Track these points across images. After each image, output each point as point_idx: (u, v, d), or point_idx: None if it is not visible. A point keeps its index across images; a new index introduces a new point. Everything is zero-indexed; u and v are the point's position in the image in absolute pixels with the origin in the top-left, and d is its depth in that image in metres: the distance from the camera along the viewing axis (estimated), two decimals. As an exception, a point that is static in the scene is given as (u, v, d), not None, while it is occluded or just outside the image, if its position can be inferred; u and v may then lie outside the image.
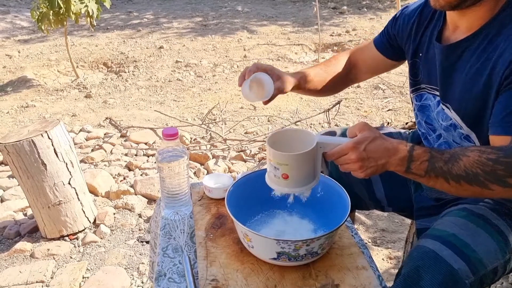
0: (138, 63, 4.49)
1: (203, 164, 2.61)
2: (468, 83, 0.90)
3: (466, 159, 0.80)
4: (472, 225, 0.88)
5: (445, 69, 0.96)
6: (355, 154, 0.83)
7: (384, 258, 1.86)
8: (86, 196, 2.08)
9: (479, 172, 0.79)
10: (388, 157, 0.83)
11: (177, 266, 0.99)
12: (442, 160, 0.81)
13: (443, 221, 0.92)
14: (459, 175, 0.80)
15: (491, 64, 0.85)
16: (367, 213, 2.17)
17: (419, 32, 1.05)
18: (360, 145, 0.82)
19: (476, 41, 0.89)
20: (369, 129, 0.85)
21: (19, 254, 1.92)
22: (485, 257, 0.83)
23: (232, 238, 1.04)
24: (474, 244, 0.84)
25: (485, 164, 0.78)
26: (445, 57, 0.95)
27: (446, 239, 0.85)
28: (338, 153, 0.86)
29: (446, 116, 0.99)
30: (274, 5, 7.00)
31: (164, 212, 1.17)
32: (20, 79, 4.16)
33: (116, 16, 6.53)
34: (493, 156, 0.78)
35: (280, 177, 0.88)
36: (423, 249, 0.84)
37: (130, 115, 3.40)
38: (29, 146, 1.80)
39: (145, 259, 1.87)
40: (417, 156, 0.82)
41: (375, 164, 0.83)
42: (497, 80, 0.84)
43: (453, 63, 0.94)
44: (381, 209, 1.23)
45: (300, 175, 0.88)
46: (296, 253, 0.88)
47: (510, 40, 0.82)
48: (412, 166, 0.82)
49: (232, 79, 4.09)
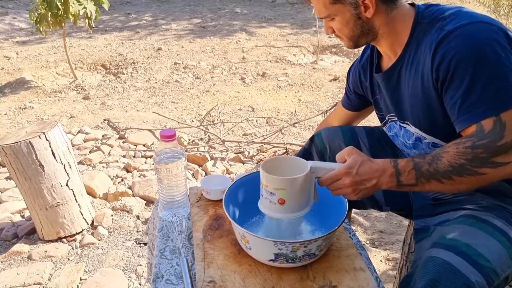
0: (136, 64, 4.49)
1: (201, 165, 2.61)
2: (412, 98, 0.98)
3: (447, 155, 0.84)
4: (483, 233, 0.88)
5: (392, 92, 1.05)
6: (349, 179, 0.87)
7: (382, 260, 1.86)
8: (84, 197, 2.07)
9: (463, 162, 0.82)
10: (378, 177, 0.88)
11: (175, 268, 0.98)
12: (426, 163, 0.85)
13: (452, 229, 0.92)
14: (447, 171, 0.83)
15: (419, 75, 0.94)
16: (365, 215, 2.17)
17: (366, 74, 1.15)
18: (353, 169, 0.87)
19: (404, 60, 0.99)
20: (357, 152, 0.90)
21: (16, 256, 1.91)
22: (498, 266, 0.83)
23: (229, 239, 1.03)
24: (487, 254, 0.84)
25: (465, 153, 0.82)
26: (387, 82, 1.05)
27: (460, 249, 0.84)
28: (331, 179, 0.90)
29: (410, 133, 1.05)
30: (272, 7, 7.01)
31: (162, 214, 1.16)
32: (18, 80, 4.15)
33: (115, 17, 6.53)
34: (469, 144, 0.82)
35: (276, 203, 0.89)
36: (438, 260, 0.84)
37: (128, 116, 3.40)
38: (27, 148, 1.79)
39: (143, 261, 1.86)
40: (402, 168, 0.87)
41: (366, 187, 0.88)
42: (430, 84, 0.91)
43: (395, 85, 1.03)
44: (379, 208, 1.23)
45: (296, 200, 0.90)
46: (294, 254, 0.88)
47: (427, 49, 0.91)
48: (401, 178, 0.87)
49: (231, 81, 4.09)
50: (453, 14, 0.90)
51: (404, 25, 0.96)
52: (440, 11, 0.93)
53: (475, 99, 0.84)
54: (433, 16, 0.93)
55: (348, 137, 1.23)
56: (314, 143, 1.27)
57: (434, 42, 0.88)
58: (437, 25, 0.90)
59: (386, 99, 1.09)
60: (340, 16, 0.95)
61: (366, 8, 0.93)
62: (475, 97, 0.84)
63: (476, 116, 0.84)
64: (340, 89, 3.83)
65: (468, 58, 0.84)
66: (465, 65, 0.84)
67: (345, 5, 0.93)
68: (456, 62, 0.85)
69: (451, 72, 0.85)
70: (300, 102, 3.62)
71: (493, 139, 0.81)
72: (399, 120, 1.07)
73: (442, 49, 0.86)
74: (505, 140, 0.81)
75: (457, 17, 0.89)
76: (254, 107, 3.52)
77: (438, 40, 0.87)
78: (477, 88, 0.83)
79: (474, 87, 0.83)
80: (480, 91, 0.83)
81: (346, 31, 0.98)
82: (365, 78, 1.16)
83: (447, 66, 0.86)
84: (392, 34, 0.98)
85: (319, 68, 4.36)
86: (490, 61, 0.83)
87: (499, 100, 0.82)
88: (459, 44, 0.85)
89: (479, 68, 0.83)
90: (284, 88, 3.93)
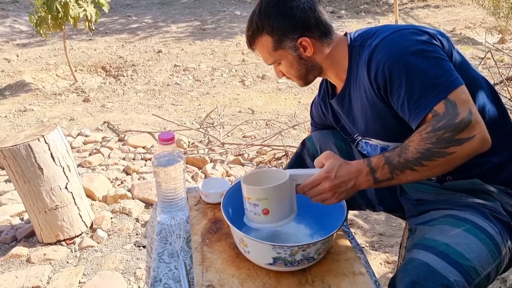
0: (136, 67, 4.49)
1: (200, 168, 2.61)
2: (363, 113, 1.05)
3: (413, 143, 0.87)
4: (462, 231, 0.89)
5: (347, 115, 1.12)
6: (328, 183, 0.90)
7: (381, 263, 1.86)
8: (83, 200, 2.07)
9: (429, 146, 0.84)
10: (355, 178, 0.90)
11: (173, 272, 0.98)
12: (396, 155, 0.88)
13: (432, 229, 0.93)
14: (417, 158, 0.86)
15: (363, 90, 1.01)
16: (364, 217, 2.17)
17: (327, 106, 1.21)
18: (331, 173, 0.90)
19: (350, 83, 1.06)
20: (333, 156, 0.93)
21: (15, 259, 1.91)
22: (478, 264, 0.84)
23: (228, 243, 1.03)
24: (467, 252, 0.84)
25: (429, 137, 0.84)
26: (342, 106, 1.12)
27: (439, 249, 0.85)
28: (311, 184, 0.92)
29: (374, 146, 1.09)
30: (272, 9, 7.01)
31: (160, 217, 1.16)
32: (19, 83, 4.16)
33: (115, 20, 6.55)
34: (429, 128, 0.85)
35: (261, 214, 0.91)
36: (417, 261, 0.85)
37: (128, 119, 3.40)
38: (26, 151, 1.79)
39: (142, 264, 1.86)
40: (375, 165, 0.90)
41: (345, 189, 0.90)
42: (372, 95, 0.97)
43: (348, 107, 1.10)
44: (372, 208, 1.24)
45: (279, 208, 0.92)
46: (292, 258, 0.88)
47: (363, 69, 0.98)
48: (377, 175, 0.89)
49: (231, 83, 4.09)
50: (378, 31, 0.98)
51: (342, 53, 1.04)
52: (368, 32, 1.01)
53: (420, 93, 0.87)
54: (363, 37, 1.01)
55: (339, 139, 1.24)
56: (305, 146, 1.30)
57: (366, 58, 0.95)
58: (366, 44, 0.98)
59: (346, 122, 1.16)
60: (284, 60, 1.05)
61: (304, 49, 1.03)
62: (418, 91, 0.87)
63: (426, 106, 0.87)
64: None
65: (398, 61, 0.89)
66: (397, 68, 0.89)
67: (286, 49, 1.03)
68: (388, 68, 0.90)
69: (388, 78, 0.91)
70: (299, 104, 3.62)
71: (450, 118, 0.83)
72: (362, 138, 1.12)
73: (374, 61, 0.93)
74: (461, 116, 0.83)
75: (381, 32, 0.96)
76: (254, 109, 3.52)
77: (369, 55, 0.95)
78: (417, 83, 0.87)
79: (413, 83, 0.88)
80: (420, 84, 0.87)
81: (293, 72, 1.07)
82: (326, 110, 1.23)
83: (382, 74, 0.91)
84: (334, 64, 1.06)
85: (319, 70, 4.37)
86: (419, 56, 0.88)
87: (441, 86, 0.86)
88: (386, 52, 0.91)
89: (411, 65, 0.88)
90: (284, 90, 3.93)
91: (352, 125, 1.14)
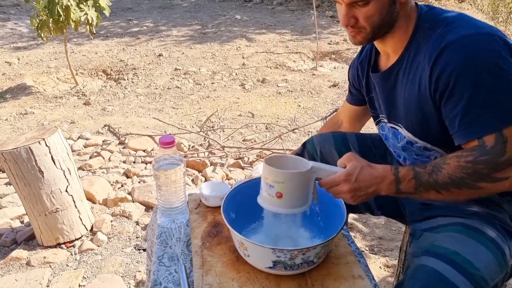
0: (137, 70, 4.50)
1: (201, 171, 2.61)
2: (406, 102, 0.97)
3: (448, 167, 0.84)
4: (472, 240, 0.88)
5: (387, 94, 1.04)
6: (347, 186, 0.88)
7: (381, 267, 1.86)
8: (83, 203, 2.07)
9: (463, 175, 0.82)
10: (377, 184, 0.88)
11: (173, 275, 0.98)
12: (427, 173, 0.85)
13: (441, 237, 0.92)
14: (446, 183, 0.83)
15: (417, 81, 0.92)
16: (364, 221, 2.17)
17: (364, 71, 1.14)
18: (352, 177, 0.87)
19: (402, 63, 0.97)
20: (356, 158, 0.90)
21: (15, 262, 1.91)
22: (487, 274, 0.84)
23: (228, 246, 1.03)
24: (477, 262, 0.84)
25: (466, 167, 0.82)
26: (384, 83, 1.03)
27: (449, 257, 0.85)
28: (330, 184, 0.91)
29: (401, 136, 1.04)
30: (272, 13, 7.04)
31: (161, 220, 1.17)
32: (19, 86, 4.17)
33: (116, 24, 6.57)
34: (470, 158, 0.82)
35: (274, 196, 0.90)
36: (427, 269, 0.84)
37: (129, 122, 3.40)
38: (26, 154, 1.80)
39: (142, 267, 1.86)
40: (402, 177, 0.87)
41: (365, 193, 0.88)
42: (427, 93, 0.90)
43: (392, 86, 1.01)
44: (371, 212, 1.24)
45: (293, 195, 0.91)
46: (292, 262, 0.88)
47: (427, 57, 0.89)
48: (400, 187, 0.87)
49: (231, 87, 4.10)
50: (454, 21, 0.88)
51: (408, 24, 0.94)
52: (441, 16, 0.91)
53: (476, 114, 0.82)
54: (435, 20, 0.91)
55: (339, 143, 1.24)
56: (306, 148, 1.30)
57: (435, 52, 0.86)
58: (437, 31, 0.88)
59: (379, 99, 1.08)
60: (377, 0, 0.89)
61: None
62: (476, 112, 0.82)
63: (477, 131, 0.83)
64: (339, 95, 3.84)
65: (468, 72, 0.82)
66: (465, 79, 0.82)
67: None
68: (456, 76, 0.83)
69: (451, 86, 0.84)
70: (299, 108, 3.63)
71: (495, 155, 0.81)
72: (388, 122, 1.07)
73: (443, 60, 0.85)
74: (506, 157, 0.80)
75: (458, 26, 0.87)
76: (254, 113, 3.52)
77: (439, 50, 0.85)
78: (478, 103, 0.82)
79: (475, 102, 0.82)
80: (481, 106, 0.82)
81: (375, 19, 0.90)
82: (362, 75, 1.15)
83: (447, 79, 0.84)
84: (399, 31, 0.94)
85: (319, 74, 4.37)
86: (492, 75, 0.81)
87: (501, 116, 0.81)
88: (460, 57, 0.83)
89: (480, 82, 0.82)
90: (284, 94, 3.93)
91: (386, 107, 1.06)
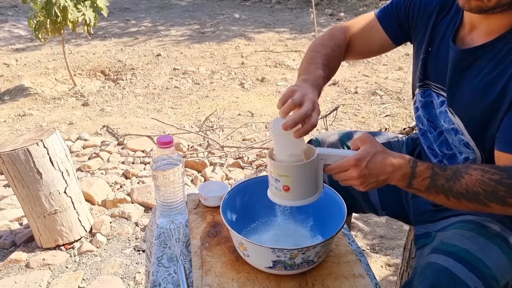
0: (135, 70, 4.49)
1: (200, 171, 2.60)
2: (479, 91, 0.87)
3: (468, 178, 0.79)
4: (482, 238, 0.87)
5: (457, 73, 0.92)
6: (356, 171, 0.81)
7: (382, 265, 1.85)
8: (82, 205, 2.06)
9: (480, 191, 0.78)
10: (390, 173, 0.82)
11: (172, 276, 0.97)
12: (444, 178, 0.81)
13: (452, 234, 0.91)
14: (460, 193, 0.80)
15: (507, 75, 0.83)
16: (365, 220, 2.16)
17: (435, 24, 0.99)
18: (362, 162, 0.81)
19: (494, 48, 0.86)
20: (371, 142, 0.83)
21: (14, 264, 1.90)
22: (498, 272, 0.83)
23: (227, 246, 1.02)
24: (487, 260, 0.83)
25: (487, 184, 0.78)
26: (459, 61, 0.91)
27: (459, 255, 0.83)
28: (338, 168, 0.84)
29: (449, 119, 0.96)
30: (271, 12, 7.03)
31: (159, 221, 1.16)
32: (18, 87, 4.16)
33: (114, 24, 6.55)
34: (496, 177, 0.78)
35: (281, 190, 0.86)
36: (437, 266, 0.83)
37: (128, 123, 3.39)
38: (25, 155, 1.78)
39: (141, 268, 1.85)
40: (419, 172, 0.81)
41: (376, 180, 0.82)
42: (506, 100, 0.82)
43: (466, 68, 0.90)
44: (375, 212, 1.23)
45: (301, 187, 0.86)
46: (292, 261, 0.87)
47: None
48: (413, 182, 0.82)
49: (230, 86, 4.09)
50: None
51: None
52: None
53: None
54: None
55: (345, 142, 1.22)
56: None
57: None
58: None
59: (441, 70, 0.96)
60: None
61: None
62: None
63: None
64: (339, 94, 3.83)
65: None
66: None
67: None
68: None
69: None
70: (299, 107, 3.62)
71: None
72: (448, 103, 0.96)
73: None
74: None
75: None
76: (253, 112, 3.52)
77: None
78: None
79: None
80: None
81: None
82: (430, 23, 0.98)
83: None
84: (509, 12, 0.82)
85: (318, 73, 4.36)
86: None
87: None
88: None
89: None
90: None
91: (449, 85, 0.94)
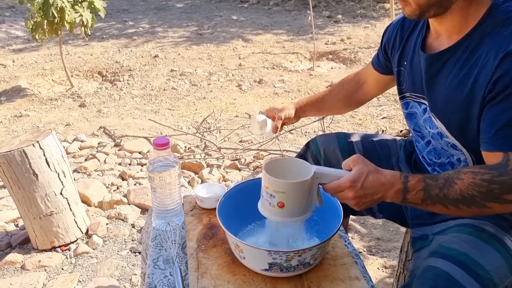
0: (133, 72, 4.49)
1: (197, 173, 2.60)
2: (450, 93, 0.90)
3: (461, 183, 0.80)
4: (481, 242, 0.87)
5: (430, 79, 0.96)
6: (352, 193, 0.84)
7: (379, 267, 1.85)
8: (79, 206, 2.06)
9: (475, 194, 0.79)
10: (384, 191, 0.84)
11: (168, 278, 0.97)
12: (437, 187, 0.81)
13: (450, 238, 0.91)
14: (456, 199, 0.80)
15: (473, 75, 0.85)
16: (362, 222, 2.16)
17: (402, 40, 1.06)
18: (357, 183, 0.83)
19: (458, 51, 0.89)
20: (363, 162, 0.85)
21: (9, 266, 1.89)
22: (496, 276, 0.83)
23: (223, 249, 1.02)
24: (486, 264, 0.83)
25: (480, 186, 0.79)
26: (429, 66, 0.95)
27: (458, 258, 0.83)
28: (334, 189, 0.87)
29: (434, 124, 0.99)
30: (269, 14, 7.03)
31: (156, 223, 1.15)
32: (14, 88, 4.14)
33: (112, 25, 6.54)
34: (487, 177, 0.79)
35: (275, 206, 0.86)
36: (436, 270, 0.83)
37: (124, 124, 3.39)
38: (20, 156, 1.78)
39: (138, 270, 1.84)
40: (411, 187, 0.83)
41: (371, 199, 0.85)
42: (481, 92, 0.84)
43: (436, 72, 0.94)
44: (373, 215, 1.23)
45: (296, 204, 0.87)
46: (288, 264, 0.87)
47: (492, 53, 0.82)
48: (408, 196, 0.83)
49: (227, 88, 4.09)
50: None
51: (476, 10, 0.85)
52: None
53: None
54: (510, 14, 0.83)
55: (343, 144, 1.22)
56: (309, 149, 1.27)
57: (503, 50, 0.79)
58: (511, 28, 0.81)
59: (417, 79, 1.00)
60: None
61: None
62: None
63: (506, 145, 0.80)
64: (336, 96, 3.83)
65: None
66: None
67: None
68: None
69: (509, 91, 0.79)
70: (296, 108, 3.62)
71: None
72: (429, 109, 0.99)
73: (509, 62, 0.78)
74: None
75: None
76: (251, 114, 3.51)
77: (508, 50, 0.79)
78: None
79: None
80: None
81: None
82: (400, 41, 1.06)
83: (508, 82, 0.79)
84: (460, 15, 0.86)
85: (316, 75, 4.37)
86: None
87: None
88: None
89: None
90: (281, 94, 3.93)
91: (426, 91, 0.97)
